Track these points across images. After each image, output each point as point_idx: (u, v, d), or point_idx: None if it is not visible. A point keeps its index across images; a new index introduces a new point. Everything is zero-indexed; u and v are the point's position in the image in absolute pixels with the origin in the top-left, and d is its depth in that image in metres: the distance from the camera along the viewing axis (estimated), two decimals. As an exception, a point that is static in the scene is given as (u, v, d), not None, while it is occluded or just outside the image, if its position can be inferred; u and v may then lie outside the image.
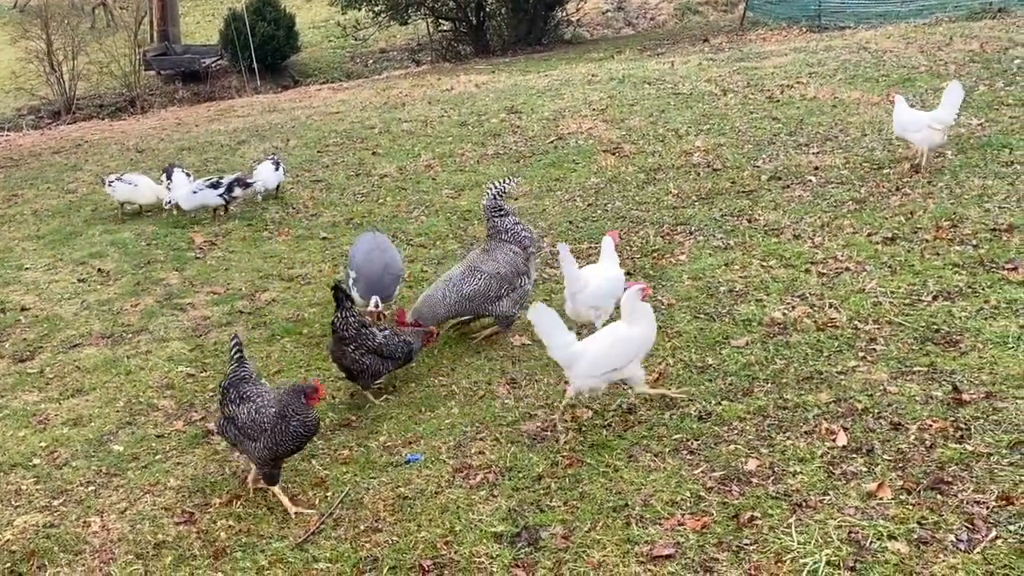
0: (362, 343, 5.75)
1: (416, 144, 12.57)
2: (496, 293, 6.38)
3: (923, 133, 8.22)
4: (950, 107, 8.08)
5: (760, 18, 22.06)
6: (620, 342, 5.15)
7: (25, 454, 5.73)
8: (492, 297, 6.37)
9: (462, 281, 6.38)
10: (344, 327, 5.75)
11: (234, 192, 10.14)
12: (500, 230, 6.64)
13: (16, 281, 8.99)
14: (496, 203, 6.68)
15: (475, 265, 6.45)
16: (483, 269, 6.41)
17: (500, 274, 6.41)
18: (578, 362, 5.11)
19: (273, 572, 4.40)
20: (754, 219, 8.00)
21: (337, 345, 5.82)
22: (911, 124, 8.30)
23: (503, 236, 6.62)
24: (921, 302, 6.11)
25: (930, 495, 4.30)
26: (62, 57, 23.90)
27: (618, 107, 12.78)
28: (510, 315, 6.50)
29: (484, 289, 6.36)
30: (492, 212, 6.67)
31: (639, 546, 4.23)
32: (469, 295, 6.34)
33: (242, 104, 20.12)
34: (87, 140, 17.09)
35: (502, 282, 6.40)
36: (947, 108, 8.10)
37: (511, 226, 6.67)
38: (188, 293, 8.22)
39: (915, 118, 8.33)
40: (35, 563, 4.64)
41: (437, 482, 4.92)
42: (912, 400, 5.04)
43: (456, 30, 27.08)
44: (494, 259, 6.49)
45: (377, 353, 5.79)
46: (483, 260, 6.49)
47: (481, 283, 6.36)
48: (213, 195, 10.11)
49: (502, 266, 6.45)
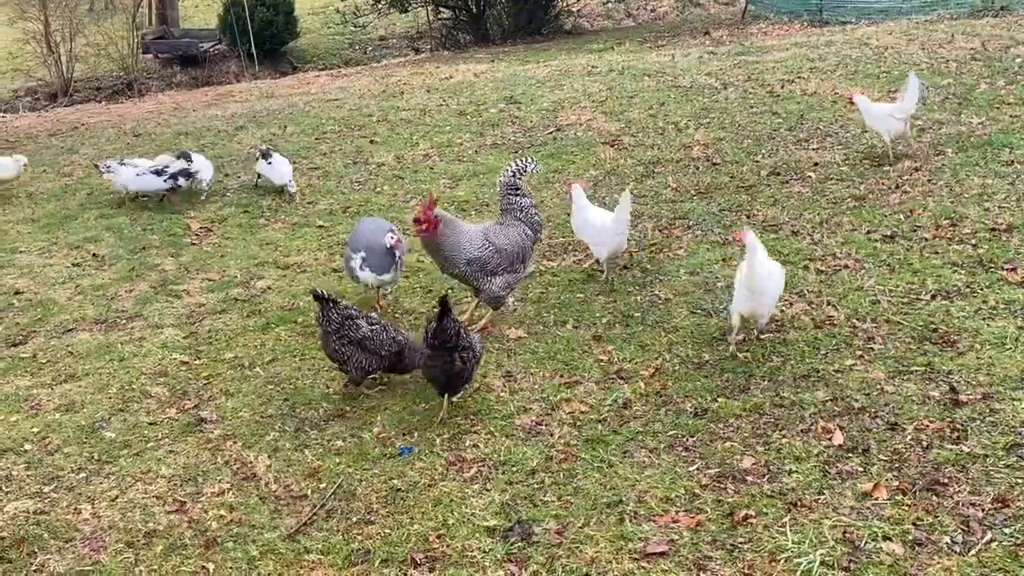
0: (344, 334, 5.68)
1: (414, 133, 12.52)
2: (494, 268, 6.32)
3: (886, 123, 8.66)
4: (910, 98, 8.50)
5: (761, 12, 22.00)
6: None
7: (16, 439, 5.69)
8: (490, 271, 6.31)
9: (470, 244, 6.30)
10: (327, 321, 5.69)
11: (179, 181, 10.19)
12: (516, 208, 6.58)
13: (10, 264, 8.93)
14: (514, 181, 6.63)
15: (487, 233, 6.39)
16: (492, 240, 6.35)
17: (506, 251, 6.36)
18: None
19: (264, 563, 4.37)
20: (753, 214, 7.97)
21: (324, 339, 5.78)
22: (876, 117, 8.78)
23: (519, 215, 6.57)
24: (919, 301, 6.09)
25: (926, 496, 4.29)
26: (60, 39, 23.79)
27: (617, 99, 12.74)
28: (499, 296, 6.43)
29: (487, 259, 6.29)
30: (509, 189, 6.61)
31: (632, 543, 4.21)
32: (469, 259, 6.27)
33: (240, 90, 20.04)
34: (84, 123, 17.00)
35: (504, 259, 6.35)
36: (908, 99, 8.52)
37: (528, 207, 6.63)
38: (183, 279, 8.17)
39: (879, 110, 8.80)
40: (25, 549, 4.61)
41: (430, 475, 4.89)
42: (909, 400, 5.03)
43: (456, 18, 27.00)
44: (506, 235, 6.43)
45: (360, 346, 5.68)
46: (495, 232, 6.43)
47: (486, 252, 6.30)
48: (156, 181, 10.16)
49: (511, 244, 6.41)
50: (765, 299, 5.64)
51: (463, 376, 5.38)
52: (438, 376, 5.37)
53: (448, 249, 6.26)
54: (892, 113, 8.66)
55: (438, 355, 5.28)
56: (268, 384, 6.10)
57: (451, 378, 5.35)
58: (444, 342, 5.24)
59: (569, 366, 5.87)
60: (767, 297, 5.64)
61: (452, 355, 5.25)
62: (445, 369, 5.30)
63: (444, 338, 5.23)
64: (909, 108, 8.59)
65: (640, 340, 6.09)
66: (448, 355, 5.25)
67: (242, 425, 5.61)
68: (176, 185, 10.16)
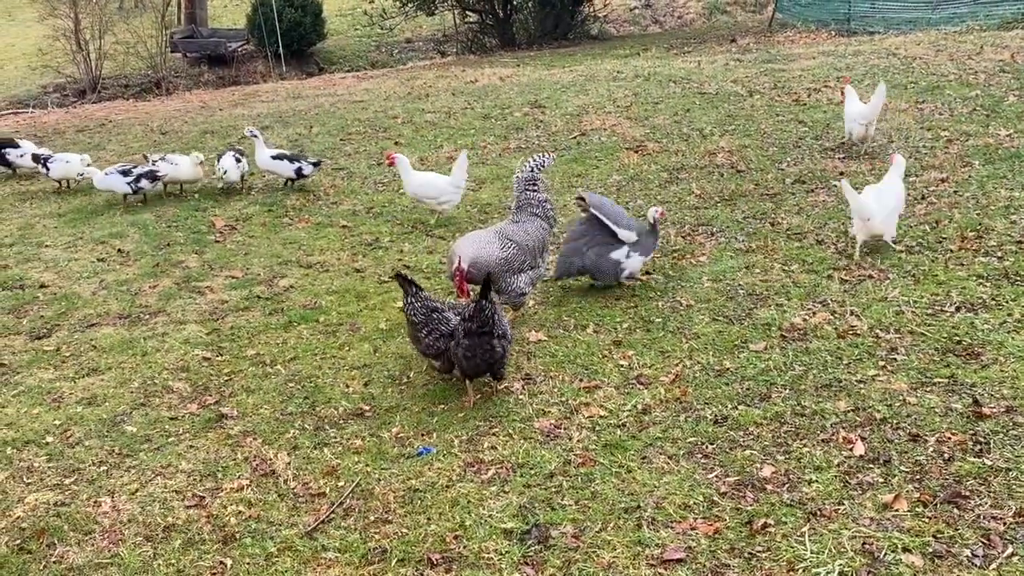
0: (434, 328, 5.67)
1: (439, 135, 12.55)
2: (519, 266, 6.31)
3: (851, 125, 9.46)
4: (874, 105, 9.20)
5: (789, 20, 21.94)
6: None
7: (39, 431, 5.74)
8: (515, 269, 6.30)
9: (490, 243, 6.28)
10: (412, 312, 5.70)
11: (141, 183, 10.34)
12: (534, 203, 6.55)
13: (36, 258, 9.02)
14: (533, 176, 6.60)
15: (506, 233, 6.37)
16: (514, 239, 6.33)
17: (528, 247, 6.34)
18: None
19: (281, 559, 4.38)
20: (777, 222, 7.93)
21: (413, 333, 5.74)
22: (848, 115, 9.51)
23: (535, 210, 6.54)
24: (944, 313, 6.04)
25: (947, 509, 4.25)
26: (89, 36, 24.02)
27: (642, 105, 12.73)
28: (524, 292, 6.42)
29: (511, 258, 6.28)
30: (527, 184, 6.58)
31: (650, 549, 4.19)
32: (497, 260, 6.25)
33: (267, 89, 20.16)
34: (111, 120, 17.15)
35: (527, 256, 6.34)
36: (872, 105, 9.21)
37: (543, 201, 6.60)
38: (206, 276, 8.22)
39: (850, 111, 9.47)
40: (44, 541, 4.64)
41: (448, 475, 4.89)
42: (932, 412, 4.98)
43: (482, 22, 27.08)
44: (525, 231, 6.41)
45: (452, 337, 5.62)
46: (514, 231, 6.40)
47: (510, 251, 6.28)
48: (121, 181, 10.34)
49: (531, 239, 6.39)
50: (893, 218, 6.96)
51: (504, 361, 5.52)
52: (479, 365, 5.45)
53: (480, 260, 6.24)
54: (856, 119, 9.36)
55: (478, 342, 5.38)
56: (289, 382, 6.12)
57: (492, 365, 5.47)
58: (482, 325, 5.35)
59: (589, 370, 5.86)
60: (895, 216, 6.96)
61: (491, 341, 5.36)
62: (485, 357, 5.41)
63: (482, 320, 5.34)
64: (872, 115, 9.27)
65: (661, 346, 6.07)
66: (488, 341, 5.36)
67: (262, 422, 5.64)
68: (137, 188, 10.34)
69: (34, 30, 25.49)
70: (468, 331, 5.38)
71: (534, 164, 6.60)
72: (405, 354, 6.37)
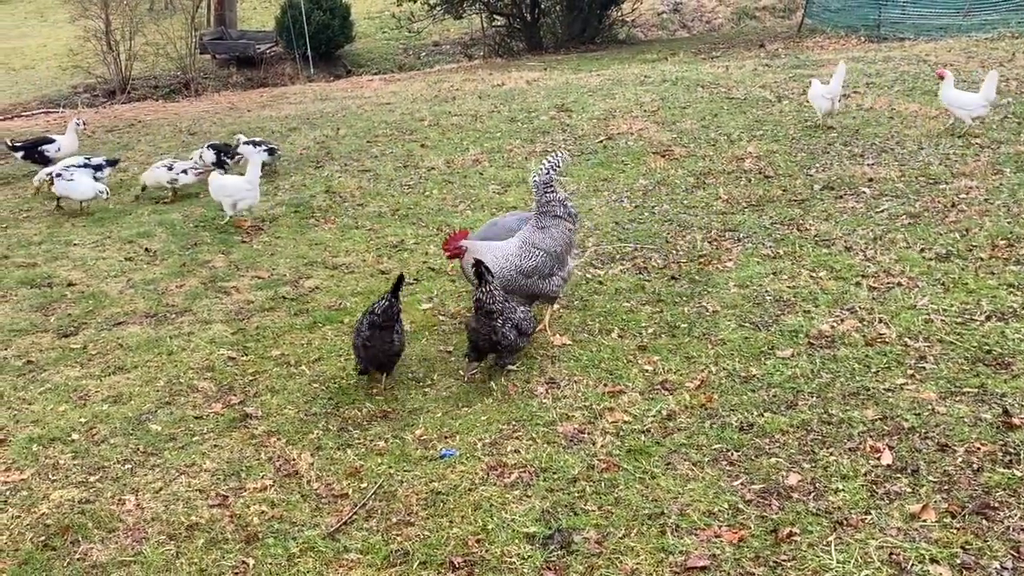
0: (508, 316, 5.76)
1: (465, 138, 12.55)
2: (549, 271, 6.28)
3: (819, 101, 10.87)
4: (836, 82, 10.81)
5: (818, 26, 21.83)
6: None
7: (64, 429, 5.77)
8: (546, 275, 6.28)
9: (519, 256, 6.25)
10: (491, 300, 5.72)
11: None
12: (556, 204, 6.50)
13: (64, 256, 9.09)
14: (550, 178, 6.54)
15: (531, 241, 6.34)
16: (540, 246, 6.30)
17: (555, 252, 6.31)
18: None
19: (304, 560, 4.38)
20: (805, 229, 7.87)
21: (486, 319, 5.75)
22: (813, 95, 10.97)
23: (558, 212, 6.49)
24: (974, 321, 5.97)
25: (975, 520, 4.19)
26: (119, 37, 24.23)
27: (670, 109, 12.69)
28: (557, 292, 6.41)
29: (540, 266, 6.25)
30: (545, 188, 6.54)
31: (673, 556, 4.16)
32: (527, 271, 6.24)
33: (295, 91, 20.26)
34: (140, 120, 17.29)
35: (554, 259, 6.31)
36: (834, 83, 10.81)
37: (564, 200, 6.55)
38: (233, 276, 8.25)
39: (815, 91, 10.96)
40: (68, 538, 4.66)
41: (471, 479, 4.88)
42: (960, 421, 4.92)
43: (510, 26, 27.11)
44: (550, 236, 6.37)
45: (518, 329, 5.83)
46: (540, 238, 6.37)
47: (538, 259, 6.26)
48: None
49: (558, 244, 6.36)
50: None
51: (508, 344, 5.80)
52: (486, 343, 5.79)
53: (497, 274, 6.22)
54: (823, 94, 10.83)
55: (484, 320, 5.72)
56: (313, 383, 6.13)
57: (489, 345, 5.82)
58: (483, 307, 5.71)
59: (613, 375, 5.83)
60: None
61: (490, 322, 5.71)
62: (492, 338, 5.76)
63: (481, 305, 5.70)
64: (836, 91, 10.81)
65: (686, 352, 6.04)
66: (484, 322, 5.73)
67: (286, 422, 5.64)
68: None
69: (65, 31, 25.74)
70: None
71: (550, 165, 6.54)
72: (429, 356, 6.37)
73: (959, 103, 9.99)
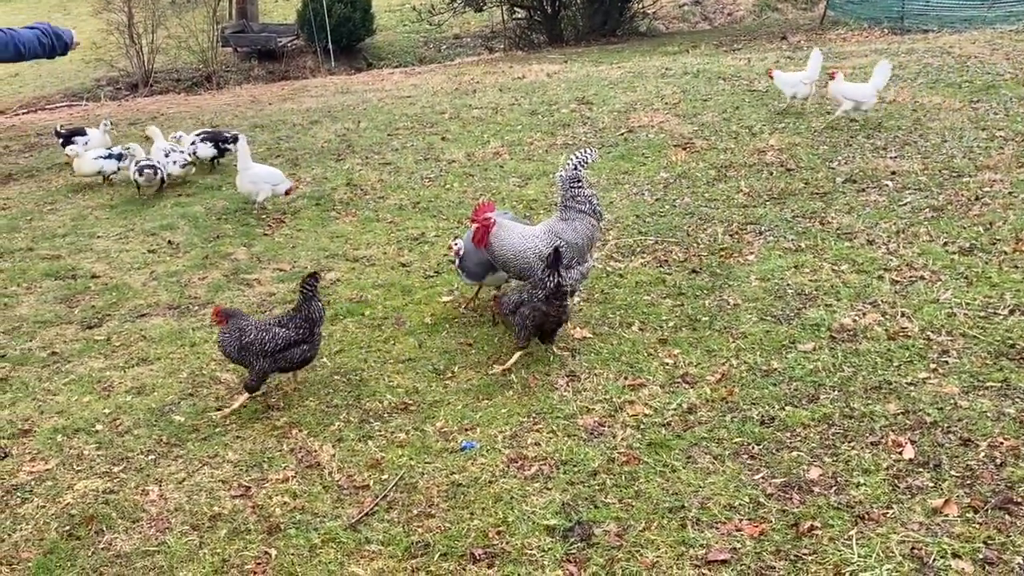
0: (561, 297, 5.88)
1: (485, 131, 12.55)
2: (568, 262, 6.26)
3: (797, 87, 11.38)
4: (813, 68, 11.32)
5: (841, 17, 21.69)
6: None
7: (88, 420, 5.82)
8: (564, 265, 6.26)
9: (543, 241, 6.23)
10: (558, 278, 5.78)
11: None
12: (581, 200, 6.49)
13: (88, 249, 9.16)
14: (577, 174, 6.52)
15: (555, 231, 6.34)
16: (563, 237, 6.29)
17: (577, 245, 6.31)
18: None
19: (325, 551, 4.40)
20: (827, 222, 7.83)
21: (560, 302, 5.82)
22: (788, 83, 11.47)
23: (583, 207, 6.48)
24: (997, 316, 5.93)
25: (998, 515, 4.17)
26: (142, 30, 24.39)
27: (691, 102, 12.64)
28: (575, 286, 6.40)
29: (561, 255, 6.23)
30: (572, 183, 6.53)
31: (694, 549, 4.16)
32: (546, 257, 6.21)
33: (316, 84, 20.31)
34: (163, 113, 17.38)
35: (576, 252, 6.30)
36: (811, 69, 11.34)
37: (591, 196, 6.54)
38: (255, 269, 8.29)
39: (792, 78, 11.54)
40: (93, 528, 4.71)
41: (491, 471, 4.89)
42: (983, 416, 4.89)
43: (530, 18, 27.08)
44: (574, 229, 6.36)
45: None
46: (563, 228, 6.36)
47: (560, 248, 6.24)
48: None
49: (581, 237, 6.35)
50: None
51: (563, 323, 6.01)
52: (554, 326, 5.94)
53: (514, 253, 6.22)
54: (802, 80, 11.33)
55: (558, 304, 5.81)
56: (334, 374, 6.16)
57: (555, 327, 5.96)
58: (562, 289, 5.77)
59: (634, 368, 5.83)
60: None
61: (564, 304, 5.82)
62: (563, 319, 5.93)
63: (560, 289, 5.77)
64: (813, 76, 11.30)
65: (707, 345, 6.02)
66: (559, 305, 5.82)
67: (308, 414, 5.67)
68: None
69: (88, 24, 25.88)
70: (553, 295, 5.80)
71: (577, 161, 6.52)
72: (450, 349, 6.38)
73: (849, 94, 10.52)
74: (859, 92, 10.39)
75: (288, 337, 5.68)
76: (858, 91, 10.42)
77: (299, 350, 5.74)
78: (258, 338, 5.64)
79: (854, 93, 10.39)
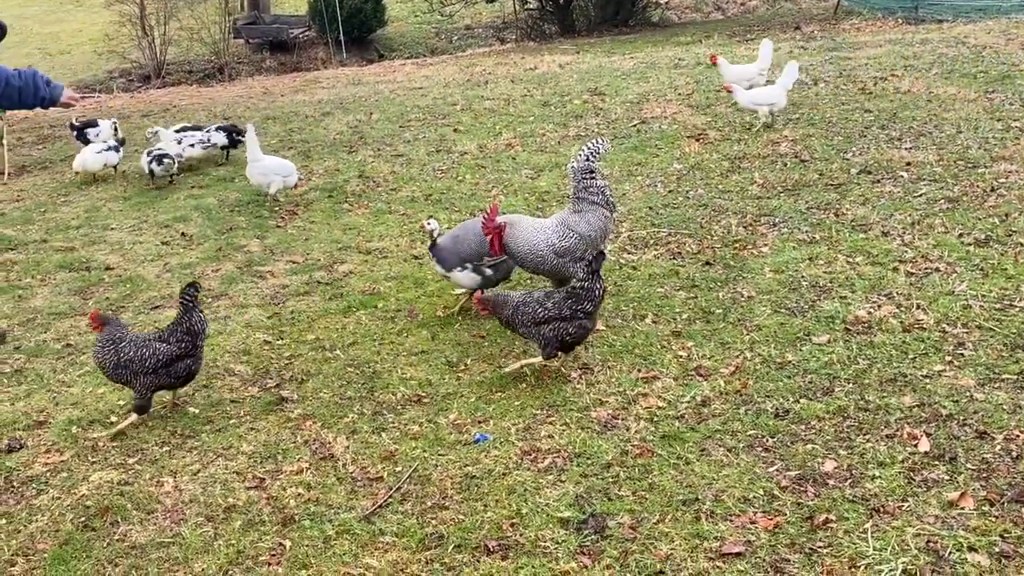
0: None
1: (497, 122, 12.53)
2: (581, 255, 6.25)
3: (754, 80, 11.45)
4: (764, 59, 11.60)
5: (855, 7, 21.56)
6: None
7: (103, 411, 5.85)
8: (577, 258, 6.25)
9: (556, 235, 6.24)
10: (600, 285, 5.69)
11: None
12: (594, 191, 6.46)
13: (102, 240, 9.19)
14: (589, 165, 6.50)
15: (569, 224, 6.32)
16: (576, 229, 6.28)
17: (590, 237, 6.29)
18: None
19: (339, 542, 4.41)
20: (841, 213, 7.79)
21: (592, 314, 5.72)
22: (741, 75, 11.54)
23: (596, 199, 6.46)
24: (1013, 308, 5.90)
25: (1014, 508, 4.14)
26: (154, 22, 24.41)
27: (704, 92, 12.59)
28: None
29: (573, 248, 6.24)
30: (584, 174, 6.50)
31: (708, 542, 4.15)
32: (560, 251, 6.22)
33: (327, 76, 20.29)
34: (175, 104, 17.41)
35: (589, 244, 6.28)
36: (763, 60, 11.59)
37: (603, 187, 6.52)
38: (268, 261, 8.31)
39: (744, 70, 11.63)
40: (108, 519, 4.73)
41: (505, 463, 4.89)
42: (999, 408, 4.86)
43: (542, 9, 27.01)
44: (587, 222, 6.35)
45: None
46: (576, 221, 6.35)
47: (572, 241, 6.24)
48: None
49: (593, 229, 6.33)
50: None
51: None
52: (582, 338, 5.69)
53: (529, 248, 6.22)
54: (756, 73, 11.49)
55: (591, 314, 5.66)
56: (348, 366, 6.17)
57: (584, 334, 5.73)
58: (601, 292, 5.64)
59: (647, 361, 5.82)
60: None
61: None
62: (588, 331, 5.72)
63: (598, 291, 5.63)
64: (765, 65, 11.52)
65: (721, 337, 6.01)
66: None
67: (321, 406, 5.69)
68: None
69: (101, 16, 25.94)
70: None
71: (589, 152, 6.48)
72: (462, 341, 6.39)
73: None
74: (769, 96, 10.58)
75: (170, 352, 5.54)
76: (768, 95, 10.60)
77: (183, 365, 5.61)
78: (137, 355, 5.47)
79: (765, 98, 10.58)
